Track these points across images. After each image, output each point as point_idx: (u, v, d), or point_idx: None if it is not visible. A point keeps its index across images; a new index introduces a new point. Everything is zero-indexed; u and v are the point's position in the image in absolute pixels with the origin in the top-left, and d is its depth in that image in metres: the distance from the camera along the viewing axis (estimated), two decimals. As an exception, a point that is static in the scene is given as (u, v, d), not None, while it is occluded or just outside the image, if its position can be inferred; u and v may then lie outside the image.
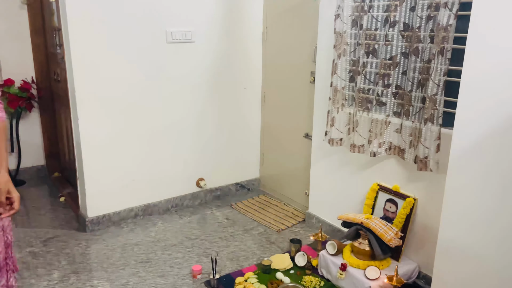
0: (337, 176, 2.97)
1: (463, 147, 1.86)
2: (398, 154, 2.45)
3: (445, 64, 2.07)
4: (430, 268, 2.38)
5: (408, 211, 2.45)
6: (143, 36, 3.05)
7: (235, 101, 3.65)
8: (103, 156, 3.07)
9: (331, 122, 2.73)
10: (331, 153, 2.97)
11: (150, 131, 3.25)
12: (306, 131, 3.34)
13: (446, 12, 2.01)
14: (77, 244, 2.94)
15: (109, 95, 3.01)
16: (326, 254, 2.56)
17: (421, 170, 2.26)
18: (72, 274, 2.59)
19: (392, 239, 2.32)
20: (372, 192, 2.67)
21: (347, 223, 2.57)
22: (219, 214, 3.46)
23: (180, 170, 3.48)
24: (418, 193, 2.44)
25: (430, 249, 2.40)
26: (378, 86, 2.45)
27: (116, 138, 3.10)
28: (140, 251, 2.87)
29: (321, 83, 2.93)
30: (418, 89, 2.27)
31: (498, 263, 1.80)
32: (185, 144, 3.46)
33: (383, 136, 2.48)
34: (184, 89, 3.34)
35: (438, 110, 2.14)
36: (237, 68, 3.59)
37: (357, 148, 2.61)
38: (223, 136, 3.66)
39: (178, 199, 3.52)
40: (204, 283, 2.51)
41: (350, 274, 2.39)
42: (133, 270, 2.64)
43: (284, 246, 2.96)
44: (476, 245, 1.87)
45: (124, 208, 3.25)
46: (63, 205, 3.58)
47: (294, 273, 2.62)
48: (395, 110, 2.44)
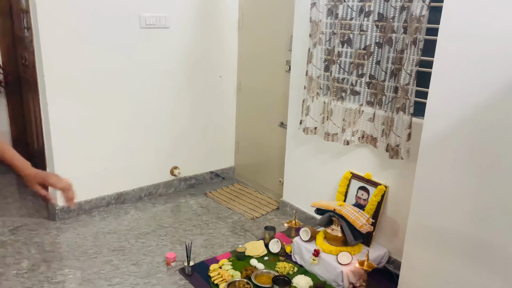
0: (311, 164, 3.01)
1: (433, 135, 1.92)
2: (371, 143, 2.51)
3: (417, 54, 2.12)
4: (400, 253, 2.45)
5: (379, 198, 2.51)
6: (115, 20, 2.97)
7: (210, 89, 3.63)
8: (74, 143, 3.00)
9: (306, 111, 2.76)
10: (305, 141, 3.00)
11: (122, 118, 3.19)
12: (281, 120, 3.35)
13: (419, 3, 2.05)
14: (47, 233, 2.87)
15: (80, 80, 2.93)
16: (300, 241, 2.60)
17: (393, 158, 2.32)
18: (42, 263, 2.53)
19: (363, 226, 2.38)
20: (344, 179, 2.72)
21: (321, 210, 2.61)
22: (193, 202, 3.45)
23: (154, 158, 3.44)
24: (389, 181, 2.51)
25: (400, 235, 2.47)
26: (352, 76, 2.49)
27: (87, 124, 3.03)
28: (112, 239, 2.83)
29: (297, 72, 2.94)
30: (391, 79, 2.32)
31: (464, 247, 1.88)
32: (159, 131, 3.41)
33: (356, 125, 2.53)
34: (158, 76, 3.29)
35: (410, 100, 2.19)
36: (212, 55, 3.56)
37: (331, 136, 2.65)
38: (197, 124, 3.63)
39: (152, 187, 3.49)
40: (178, 270, 2.51)
41: (323, 260, 2.44)
42: (106, 258, 2.61)
43: (259, 234, 2.98)
44: (444, 229, 1.94)
45: (96, 196, 3.19)
46: (32, 193, 3.48)
47: (268, 259, 2.65)
48: (368, 99, 2.48)
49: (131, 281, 2.40)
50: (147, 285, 2.37)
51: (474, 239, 1.84)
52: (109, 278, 2.41)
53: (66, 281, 2.37)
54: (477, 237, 1.83)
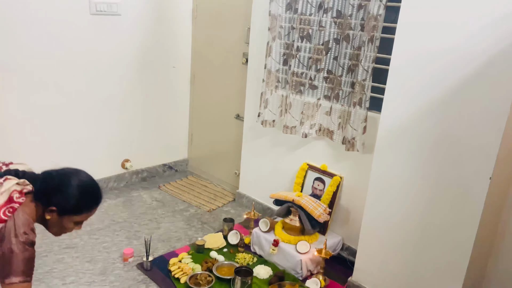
0: (268, 156, 3.05)
1: (389, 129, 2.03)
2: (327, 135, 2.60)
3: (374, 51, 2.22)
4: (353, 240, 2.59)
5: (335, 189, 2.62)
6: (64, 5, 2.80)
7: (163, 79, 3.54)
8: (18, 135, 2.80)
9: (265, 104, 2.79)
10: (262, 134, 3.03)
11: (71, 108, 3.02)
12: (237, 112, 3.36)
13: (376, 2, 2.14)
14: (-12, 232, 2.67)
15: (25, 67, 2.73)
16: (259, 231, 2.65)
17: (349, 150, 2.42)
18: (-15, 264, 2.35)
19: (321, 215, 2.47)
20: (301, 171, 2.80)
21: (279, 201, 2.67)
22: (146, 196, 3.37)
23: (104, 151, 3.31)
24: (344, 172, 2.62)
25: (354, 223, 2.60)
26: (311, 70, 2.55)
27: (34, 115, 2.84)
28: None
29: (254, 64, 2.96)
30: (348, 75, 2.41)
31: (416, 234, 2.02)
32: (109, 123, 3.28)
33: (314, 118, 2.60)
34: (109, 65, 3.15)
35: (366, 95, 2.29)
36: (166, 45, 3.47)
37: (289, 129, 2.70)
38: (150, 115, 3.54)
39: (102, 181, 3.35)
40: (136, 265, 2.45)
41: (282, 249, 2.51)
42: (57, 256, 2.48)
43: (216, 226, 2.99)
44: (397, 219, 2.07)
45: (42, 191, 3.01)
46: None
47: (228, 251, 2.67)
48: (325, 93, 2.56)
49: (87, 278, 2.31)
50: (104, 282, 2.29)
51: (425, 226, 1.98)
52: (62, 277, 2.30)
53: (14, 282, 2.22)
54: (428, 224, 1.97)
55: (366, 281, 2.28)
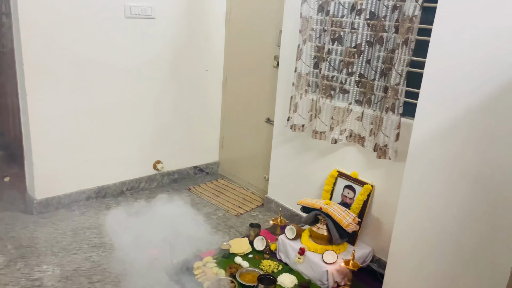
0: (297, 161, 2.99)
1: (423, 136, 1.91)
2: (358, 142, 2.50)
3: (408, 54, 2.11)
4: (384, 253, 2.47)
5: (366, 197, 2.51)
6: (100, 9, 2.87)
7: (196, 82, 3.56)
8: (54, 135, 2.89)
9: (294, 108, 2.73)
10: (292, 138, 2.97)
11: (105, 109, 3.09)
12: (268, 115, 3.32)
13: (412, 3, 2.03)
14: (23, 227, 2.77)
15: (61, 69, 2.82)
16: (285, 239, 2.58)
17: (380, 158, 2.32)
18: (19, 259, 2.44)
19: (350, 225, 2.38)
20: (331, 178, 2.71)
21: (306, 208, 2.60)
22: (176, 197, 3.38)
23: (136, 152, 3.36)
24: (375, 180, 2.51)
25: (384, 234, 2.48)
26: (342, 74, 2.47)
27: (68, 115, 2.93)
28: (92, 234, 2.75)
29: (285, 68, 2.91)
30: (380, 78, 2.31)
31: (451, 250, 1.89)
32: (142, 124, 3.33)
33: (344, 124, 2.51)
34: (142, 67, 3.20)
35: (400, 100, 2.18)
36: (199, 48, 3.49)
37: (319, 134, 2.63)
38: (182, 118, 3.56)
39: (134, 182, 3.41)
40: (161, 267, 2.46)
41: (308, 258, 2.43)
42: (86, 254, 2.53)
43: (243, 230, 2.95)
44: (431, 231, 1.95)
45: (76, 190, 3.10)
46: (7, 186, 3.35)
47: (253, 257, 2.62)
48: (357, 98, 2.47)
49: (112, 278, 2.34)
50: (130, 282, 2.31)
51: (460, 242, 1.85)
52: (89, 275, 2.34)
53: (44, 278, 2.29)
54: (463, 240, 1.84)
55: (395, 296, 2.16)
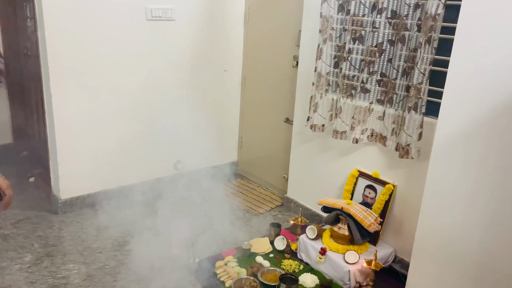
0: (317, 161, 2.98)
1: (446, 135, 1.89)
2: (380, 141, 2.48)
3: (431, 53, 2.08)
4: (406, 253, 2.45)
5: (387, 197, 2.49)
6: (122, 11, 2.92)
7: (215, 83, 3.59)
8: (77, 136, 2.96)
9: (314, 108, 2.72)
10: (312, 138, 2.97)
11: (126, 111, 3.14)
12: (287, 115, 3.32)
13: (435, 1, 2.01)
14: (49, 227, 2.84)
15: (84, 72, 2.88)
16: (306, 239, 2.58)
17: (403, 157, 2.30)
18: (45, 257, 2.50)
19: (371, 225, 2.36)
20: (352, 178, 2.70)
21: (327, 208, 2.59)
22: (196, 197, 3.41)
23: (157, 152, 3.40)
24: (397, 180, 2.49)
25: (407, 234, 2.46)
26: (363, 73, 2.46)
27: (91, 117, 2.99)
28: (116, 234, 2.80)
29: (305, 67, 2.91)
30: (402, 77, 2.29)
31: (476, 252, 1.86)
32: (162, 125, 3.37)
33: (365, 123, 2.50)
34: (163, 68, 3.24)
35: (422, 99, 2.16)
36: (218, 49, 3.51)
37: (339, 134, 2.62)
38: (201, 118, 3.58)
39: (155, 182, 3.45)
40: (183, 266, 2.49)
41: (329, 258, 2.43)
42: (110, 253, 2.58)
43: (263, 230, 2.96)
44: (455, 231, 1.93)
45: (99, 190, 3.16)
46: (33, 186, 3.44)
47: (274, 256, 2.63)
48: (378, 97, 2.45)
49: (136, 277, 2.38)
50: (152, 281, 2.35)
51: (485, 243, 1.82)
52: (114, 274, 2.39)
53: (70, 276, 2.34)
54: (488, 241, 1.81)
55: (419, 297, 2.14)
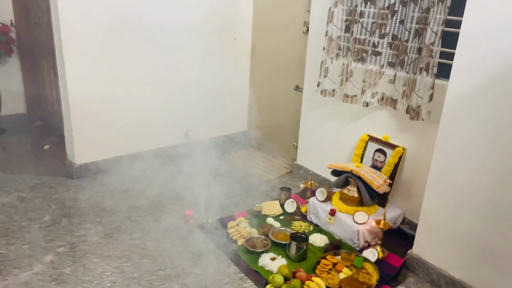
0: (326, 127, 3.01)
1: (458, 96, 1.91)
2: (390, 105, 2.50)
3: (444, 13, 2.07)
4: (415, 215, 2.50)
5: (397, 160, 2.52)
6: (132, -23, 2.92)
7: (224, 51, 3.59)
8: (91, 103, 3.00)
9: (325, 73, 2.73)
10: (322, 104, 2.99)
11: (139, 78, 3.17)
12: (297, 83, 3.33)
13: (449, -41, 1.99)
14: (65, 190, 2.92)
15: (97, 39, 2.90)
16: (316, 201, 2.64)
17: (413, 119, 2.32)
18: (63, 217, 2.59)
19: (381, 186, 2.41)
20: (361, 142, 2.73)
21: (337, 171, 2.63)
22: (207, 164, 3.47)
23: (168, 120, 3.45)
24: (407, 143, 2.51)
25: (415, 196, 2.50)
26: (374, 36, 2.45)
27: (105, 84, 3.02)
28: (130, 197, 2.88)
29: (315, 33, 2.90)
30: (414, 39, 2.28)
31: (485, 210, 1.90)
32: (174, 94, 3.40)
33: (376, 86, 2.51)
34: (172, 36, 3.24)
35: (434, 60, 2.16)
36: (227, 17, 3.50)
37: (350, 98, 2.64)
38: (211, 87, 3.61)
39: (166, 149, 3.51)
40: (197, 226, 2.56)
41: (339, 219, 2.48)
42: (125, 214, 2.66)
43: (273, 195, 3.02)
44: (464, 190, 1.96)
45: (113, 156, 3.22)
46: (47, 154, 3.52)
47: (284, 218, 2.70)
48: (389, 60, 2.45)
49: (151, 235, 2.46)
50: (167, 239, 2.43)
51: (493, 201, 1.86)
52: (129, 233, 2.47)
53: (88, 235, 2.42)
54: (496, 199, 1.85)
55: (427, 255, 2.20)
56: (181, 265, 2.22)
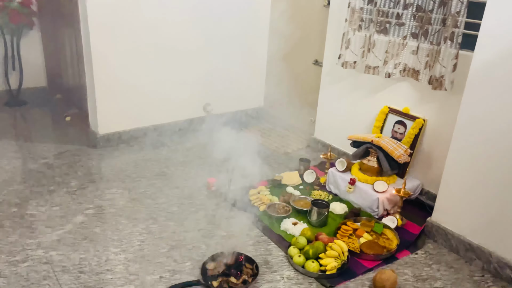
0: (346, 101, 3.04)
1: (483, 64, 1.93)
2: (412, 76, 2.52)
3: (471, -19, 2.08)
4: (433, 185, 2.54)
5: (417, 131, 2.55)
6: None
7: (243, 25, 3.60)
8: (114, 74, 3.05)
9: (346, 45, 2.75)
10: (342, 78, 3.01)
11: (161, 52, 3.21)
12: (316, 57, 3.35)
13: None
14: (90, 158, 3.00)
15: (122, 9, 2.93)
16: (335, 171, 2.69)
17: (436, 89, 2.34)
18: (90, 183, 2.67)
19: (401, 156, 2.45)
20: (381, 114, 2.76)
21: (357, 143, 2.67)
22: (226, 137, 3.52)
23: (188, 94, 3.49)
24: (428, 114, 2.54)
25: (435, 167, 2.53)
26: (397, 7, 2.46)
27: (128, 56, 3.07)
28: (153, 166, 2.95)
29: (337, 4, 2.91)
30: (439, 9, 2.29)
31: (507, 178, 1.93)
32: (194, 68, 3.44)
33: (399, 57, 2.53)
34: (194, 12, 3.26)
35: (459, 30, 2.18)
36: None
37: (371, 69, 2.66)
38: (229, 62, 3.62)
39: (186, 122, 3.57)
40: (219, 193, 2.63)
41: (358, 188, 2.54)
42: (149, 181, 2.73)
43: (292, 167, 3.07)
44: (486, 157, 1.99)
45: (134, 127, 3.29)
46: (69, 125, 3.59)
47: (303, 188, 2.75)
48: (413, 31, 2.47)
49: (176, 201, 2.53)
50: (191, 204, 2.50)
51: (517, 164, 1.89)
52: (154, 198, 2.54)
53: (115, 199, 2.50)
54: (520, 162, 1.88)
55: (446, 222, 2.24)
56: (206, 228, 2.29)
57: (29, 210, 2.34)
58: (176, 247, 2.11)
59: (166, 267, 1.96)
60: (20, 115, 3.75)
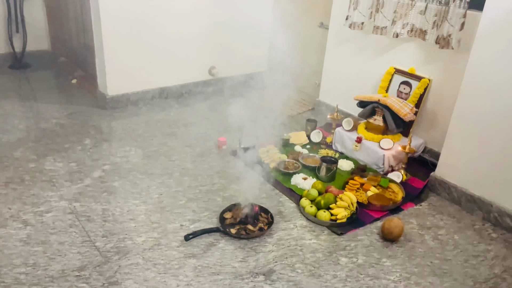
0: (351, 62, 3.09)
1: (492, 21, 1.98)
2: (419, 36, 2.57)
3: None
4: (436, 144, 2.64)
5: (422, 91, 2.63)
6: None
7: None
8: (123, 35, 3.06)
9: (354, 5, 2.78)
10: (348, 39, 3.05)
11: (168, 13, 3.22)
12: (321, 20, 3.37)
13: None
14: (101, 119, 3.05)
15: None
16: (342, 130, 2.77)
17: (443, 48, 2.40)
18: (103, 141, 2.73)
19: (407, 114, 2.53)
20: (387, 75, 2.82)
21: (363, 103, 2.75)
22: (232, 100, 3.58)
23: (194, 57, 3.52)
24: (433, 74, 2.61)
25: (439, 126, 2.62)
26: (408, -34, 2.49)
27: (135, 18, 3.07)
28: (163, 126, 3.01)
29: (345, -34, 2.92)
30: (449, -32, 2.32)
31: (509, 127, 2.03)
32: (199, 30, 3.46)
33: (407, 17, 2.57)
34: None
35: (468, -12, 2.22)
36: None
37: (380, 29, 2.71)
38: (234, 25, 3.63)
39: (192, 85, 3.61)
40: (230, 152, 2.71)
41: (365, 146, 2.63)
42: (161, 140, 2.80)
43: (299, 127, 3.15)
44: (491, 112, 2.08)
45: (142, 89, 3.32)
46: (76, 87, 3.61)
47: (311, 147, 2.84)
48: (421, -9, 2.50)
49: (188, 158, 2.61)
50: (204, 162, 2.58)
51: (520, 118, 1.98)
52: (168, 155, 2.62)
53: (129, 156, 2.58)
54: (523, 116, 1.97)
55: (449, 176, 2.35)
56: (220, 182, 2.38)
57: (46, 166, 2.41)
58: (193, 199, 2.20)
59: (186, 216, 2.06)
60: (25, 78, 3.76)
